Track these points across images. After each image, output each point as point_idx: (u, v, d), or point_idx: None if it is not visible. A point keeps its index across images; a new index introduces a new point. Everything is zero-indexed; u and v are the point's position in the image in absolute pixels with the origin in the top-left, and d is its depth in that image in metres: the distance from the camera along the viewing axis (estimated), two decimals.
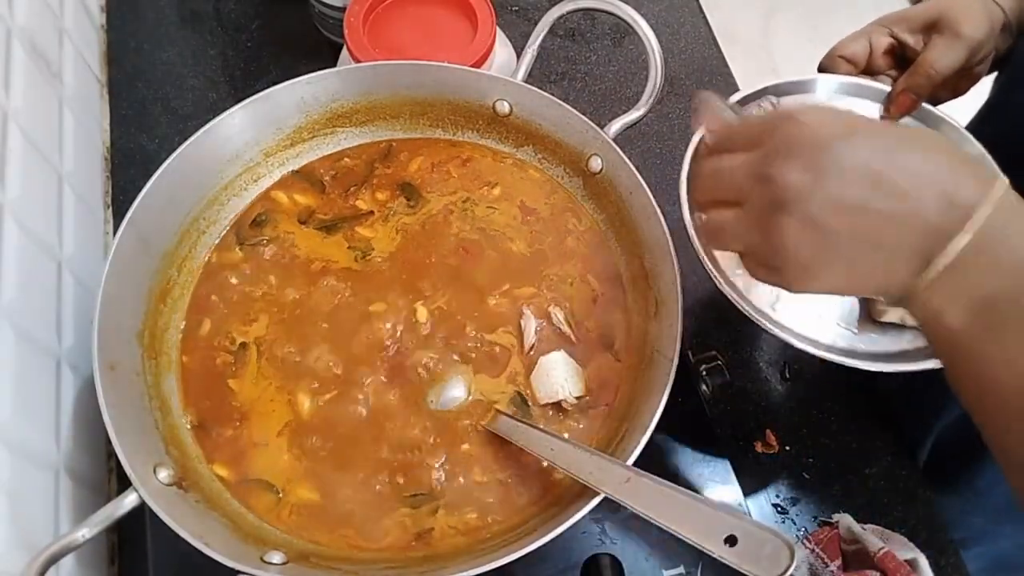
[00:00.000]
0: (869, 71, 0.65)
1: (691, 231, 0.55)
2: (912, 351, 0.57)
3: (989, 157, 0.61)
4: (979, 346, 0.36)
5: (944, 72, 0.59)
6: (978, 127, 0.65)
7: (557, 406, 0.56)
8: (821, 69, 0.66)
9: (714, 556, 0.39)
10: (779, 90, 0.65)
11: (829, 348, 0.56)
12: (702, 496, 0.42)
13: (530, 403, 0.56)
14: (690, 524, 0.41)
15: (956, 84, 0.63)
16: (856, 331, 0.58)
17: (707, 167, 0.43)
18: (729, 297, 0.55)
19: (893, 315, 0.56)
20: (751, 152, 0.40)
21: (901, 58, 0.63)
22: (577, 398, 0.56)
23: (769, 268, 0.40)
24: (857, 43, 0.63)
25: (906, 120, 0.64)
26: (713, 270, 0.56)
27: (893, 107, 0.63)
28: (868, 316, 0.58)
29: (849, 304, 0.58)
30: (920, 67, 0.60)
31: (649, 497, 0.44)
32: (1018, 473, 0.37)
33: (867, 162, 0.37)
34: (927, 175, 0.37)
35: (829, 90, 0.65)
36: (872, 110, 0.65)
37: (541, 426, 0.54)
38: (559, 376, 0.56)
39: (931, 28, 0.60)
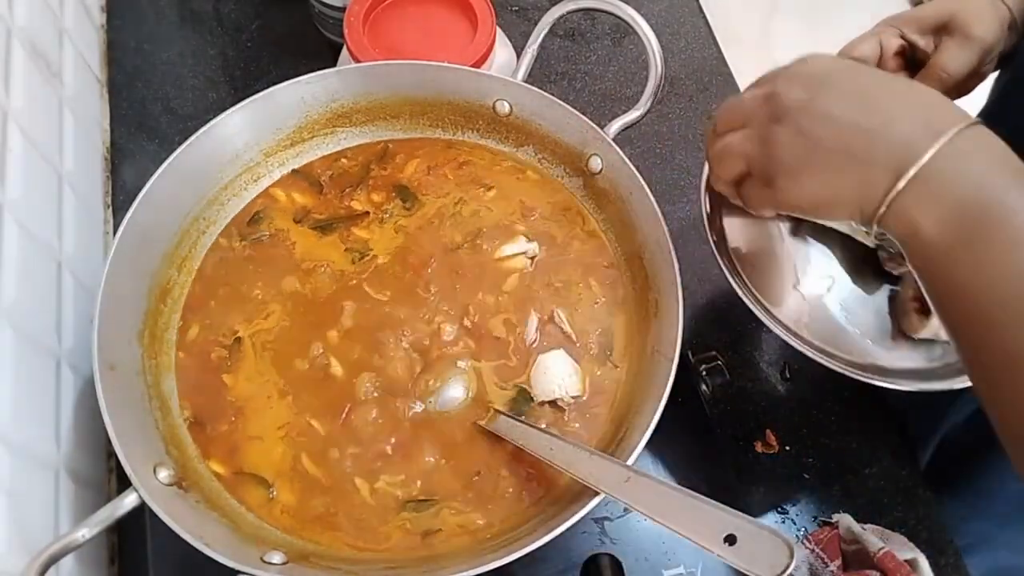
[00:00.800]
0: None
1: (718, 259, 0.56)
2: (941, 367, 0.56)
3: None
4: (951, 255, 0.39)
5: (957, 76, 0.59)
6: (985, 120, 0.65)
7: (554, 404, 0.56)
8: None
9: (714, 555, 0.39)
10: None
11: (862, 367, 0.56)
12: (702, 496, 0.42)
13: (533, 399, 0.56)
14: (690, 523, 0.41)
15: (963, 84, 0.63)
16: (888, 347, 0.57)
17: (725, 104, 0.49)
18: (764, 321, 0.56)
19: (927, 331, 0.56)
20: (765, 85, 0.46)
21: (911, 59, 0.63)
22: (574, 398, 0.56)
23: (764, 181, 0.45)
24: (867, 44, 0.63)
25: None
26: (752, 304, 0.56)
27: None
28: (899, 332, 0.58)
29: (878, 321, 0.58)
30: (932, 70, 0.59)
31: (649, 496, 0.44)
32: (986, 383, 0.40)
33: (858, 86, 0.43)
34: (909, 102, 0.42)
35: None
36: None
37: (540, 426, 0.54)
38: (557, 375, 0.56)
39: (942, 30, 0.59)
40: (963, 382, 0.53)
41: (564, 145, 0.63)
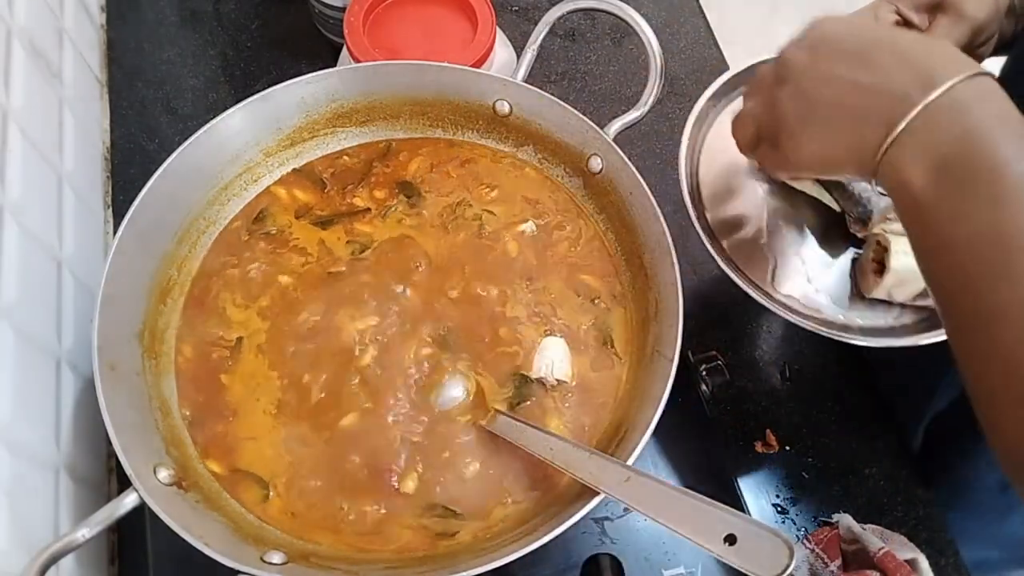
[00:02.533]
0: None
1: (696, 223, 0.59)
2: (899, 327, 0.58)
3: None
4: (935, 205, 0.39)
5: None
6: None
7: (541, 383, 0.57)
8: None
9: (714, 555, 0.39)
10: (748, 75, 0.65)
11: (820, 323, 0.57)
12: (702, 495, 0.43)
13: (531, 380, 0.57)
14: (690, 523, 0.41)
15: None
16: (846, 308, 0.59)
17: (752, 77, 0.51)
18: (726, 271, 0.57)
19: (880, 291, 0.58)
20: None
21: None
22: (558, 380, 0.56)
23: (771, 143, 0.47)
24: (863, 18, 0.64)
25: None
26: (712, 250, 0.58)
27: None
28: (857, 293, 0.60)
29: (840, 282, 0.60)
30: None
31: (649, 496, 0.44)
32: (961, 334, 0.40)
33: (860, 44, 0.43)
34: (912, 55, 0.41)
35: None
36: None
37: (539, 426, 0.54)
38: (549, 357, 0.57)
39: (936, 7, 0.60)
40: (918, 339, 0.56)
41: (564, 145, 0.63)
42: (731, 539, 0.39)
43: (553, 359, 0.56)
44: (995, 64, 0.68)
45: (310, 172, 0.65)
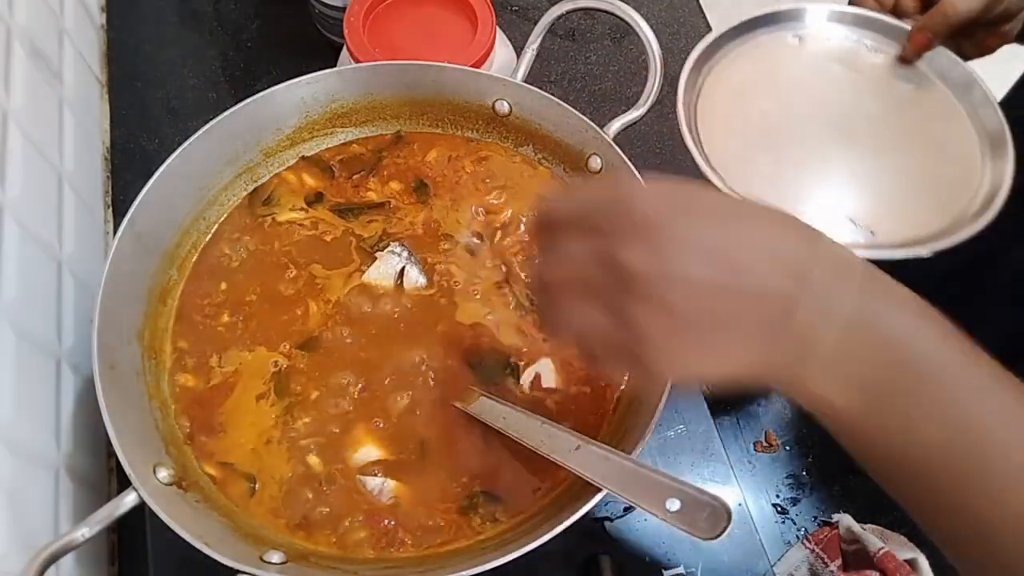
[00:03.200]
0: (896, 12, 0.66)
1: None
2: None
3: (999, 111, 0.60)
4: (867, 421, 0.36)
5: (963, 13, 0.59)
6: (1010, 102, 0.65)
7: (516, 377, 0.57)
8: (851, 4, 0.67)
9: (658, 518, 0.42)
10: (771, 20, 0.65)
11: None
12: (647, 464, 0.45)
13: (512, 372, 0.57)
14: (636, 489, 0.44)
15: (983, 40, 0.63)
16: None
17: (548, 248, 0.39)
18: None
19: None
20: (592, 237, 0.37)
21: (930, 2, 0.64)
22: (546, 389, 0.57)
23: (632, 360, 0.37)
24: None
25: (923, 68, 0.64)
26: None
27: (910, 45, 0.63)
28: None
29: None
30: (939, 7, 0.61)
31: (597, 464, 0.46)
32: (951, 546, 0.38)
33: (702, 239, 0.35)
34: (756, 244, 0.36)
35: (821, 19, 0.65)
36: (882, 44, 0.65)
37: (496, 397, 0.55)
38: (533, 371, 0.57)
39: None
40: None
41: (564, 145, 0.63)
42: (675, 505, 0.42)
43: (538, 372, 0.57)
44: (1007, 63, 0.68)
45: (319, 160, 0.65)
